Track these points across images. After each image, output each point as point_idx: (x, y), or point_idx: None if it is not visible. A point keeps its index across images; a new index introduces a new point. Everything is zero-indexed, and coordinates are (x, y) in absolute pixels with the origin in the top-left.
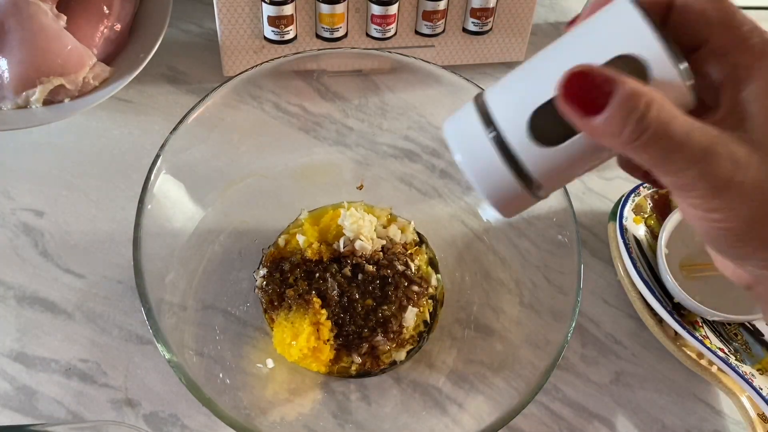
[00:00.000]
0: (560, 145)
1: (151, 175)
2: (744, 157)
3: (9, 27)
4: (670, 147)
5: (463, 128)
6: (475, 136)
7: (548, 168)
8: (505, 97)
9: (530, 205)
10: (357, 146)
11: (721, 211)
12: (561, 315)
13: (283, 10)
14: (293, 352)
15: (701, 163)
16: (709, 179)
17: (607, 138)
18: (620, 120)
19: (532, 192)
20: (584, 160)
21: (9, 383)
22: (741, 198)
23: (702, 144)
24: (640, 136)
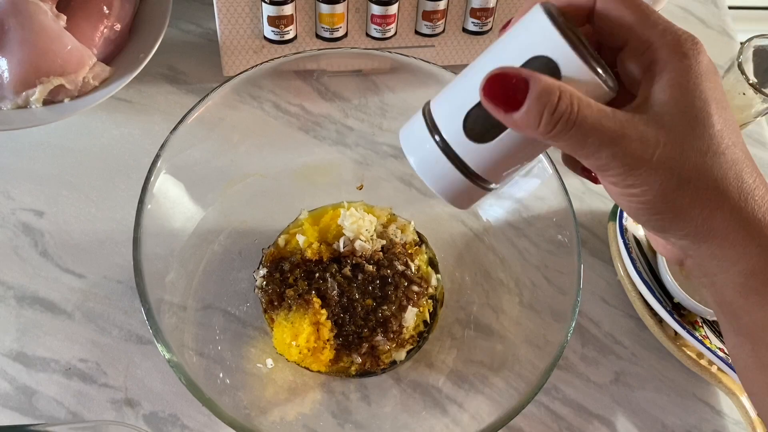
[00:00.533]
0: (493, 141)
1: (151, 175)
2: (653, 137)
3: (9, 27)
4: (583, 133)
5: (413, 135)
6: (423, 141)
7: (488, 162)
8: (444, 104)
9: (482, 195)
10: (357, 146)
11: (636, 187)
12: (561, 315)
13: (283, 10)
14: (293, 352)
15: (613, 145)
16: (621, 159)
17: (528, 130)
18: (536, 113)
19: (480, 185)
20: (518, 152)
21: (9, 383)
22: (652, 173)
23: (613, 128)
24: (555, 126)
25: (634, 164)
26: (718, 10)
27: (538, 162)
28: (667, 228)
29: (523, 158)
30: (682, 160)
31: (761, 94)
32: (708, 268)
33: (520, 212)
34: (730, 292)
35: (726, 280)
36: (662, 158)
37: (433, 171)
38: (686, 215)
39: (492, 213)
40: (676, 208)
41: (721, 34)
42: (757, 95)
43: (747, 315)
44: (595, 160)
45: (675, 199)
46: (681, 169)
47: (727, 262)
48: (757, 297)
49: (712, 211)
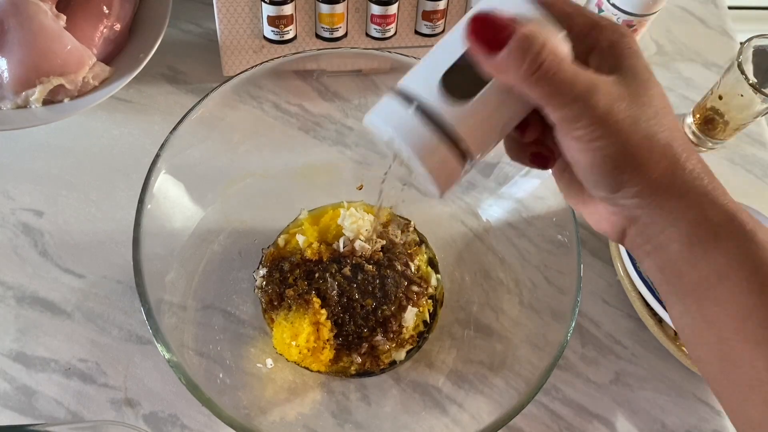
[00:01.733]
0: (472, 98)
1: (150, 175)
2: (618, 94)
3: (9, 27)
4: (560, 82)
5: (385, 112)
6: (397, 110)
7: (469, 122)
8: (419, 73)
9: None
10: (357, 146)
11: (602, 139)
12: (561, 315)
13: (283, 10)
14: (293, 351)
15: (586, 97)
16: (592, 110)
17: (509, 73)
18: (519, 54)
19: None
20: (497, 110)
21: (9, 383)
22: (618, 126)
23: (586, 81)
24: (537, 70)
25: (605, 116)
26: (718, 10)
27: None
28: (624, 182)
29: (502, 119)
30: (640, 117)
31: (761, 94)
32: (654, 227)
33: (519, 212)
34: (675, 247)
35: (672, 235)
36: (626, 113)
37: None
38: (644, 168)
39: (492, 213)
40: (636, 160)
41: (721, 34)
42: (757, 95)
43: (691, 269)
44: (568, 111)
45: (635, 152)
46: (640, 124)
47: (676, 213)
48: (700, 247)
49: (665, 164)
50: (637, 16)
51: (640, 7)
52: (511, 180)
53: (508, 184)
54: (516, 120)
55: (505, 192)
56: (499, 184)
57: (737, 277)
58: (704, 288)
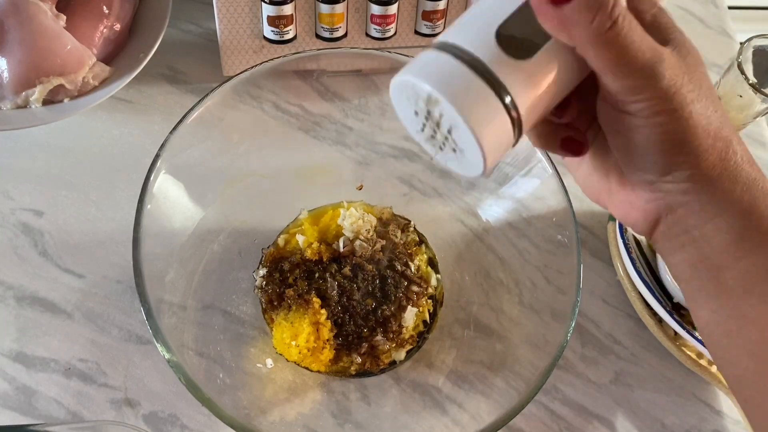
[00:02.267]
0: (531, 58)
1: (150, 175)
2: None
3: (8, 27)
4: (630, 45)
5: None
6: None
7: (524, 84)
8: (467, 26)
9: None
10: (357, 146)
11: (664, 114)
12: (560, 315)
13: (283, 10)
14: (293, 351)
15: (653, 66)
16: (657, 81)
17: (575, 29)
18: (591, 7)
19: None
20: (555, 75)
21: (8, 383)
22: (681, 102)
23: (654, 49)
24: (610, 28)
25: (669, 89)
26: (718, 10)
27: (538, 162)
28: (680, 164)
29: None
30: (697, 95)
31: (761, 94)
32: (701, 216)
33: (519, 212)
34: (722, 238)
35: (720, 225)
36: (688, 90)
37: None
38: (701, 150)
39: (492, 213)
40: (695, 141)
41: (721, 34)
42: (757, 95)
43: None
44: (632, 80)
45: (696, 132)
46: (700, 102)
47: (728, 202)
48: (749, 240)
49: (720, 148)
50: None
51: None
52: (511, 180)
53: (508, 184)
54: (568, 90)
55: (505, 192)
56: (499, 184)
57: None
58: (749, 284)
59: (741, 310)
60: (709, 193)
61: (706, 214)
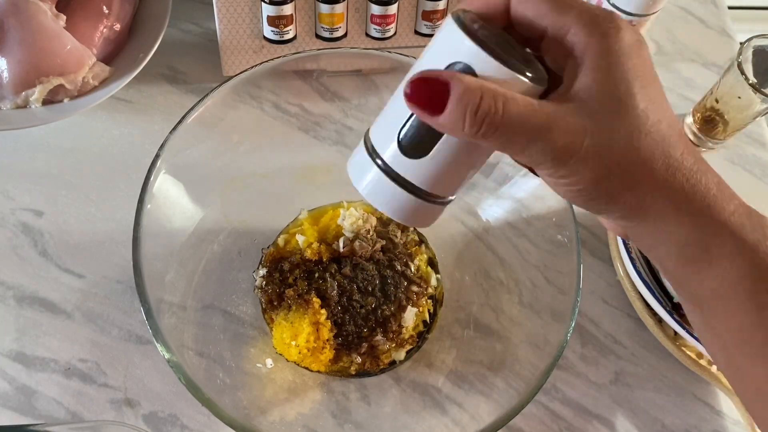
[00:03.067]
0: (429, 153)
1: (150, 175)
2: (579, 127)
3: (8, 27)
4: (510, 131)
5: (358, 164)
6: (366, 168)
7: (431, 177)
8: (379, 128)
9: (440, 211)
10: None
11: (568, 177)
12: (560, 315)
13: (283, 10)
14: (293, 351)
15: (541, 140)
16: (550, 153)
17: (455, 132)
18: (460, 113)
19: (432, 201)
20: (457, 160)
21: (8, 383)
22: (581, 164)
23: (538, 123)
24: (481, 126)
25: (564, 157)
26: (718, 10)
27: None
28: (603, 210)
29: (465, 165)
30: (610, 146)
31: (761, 94)
32: (646, 243)
33: (519, 212)
34: (670, 263)
35: (664, 253)
36: (590, 148)
37: (384, 196)
38: (618, 199)
39: (492, 213)
40: (608, 193)
41: (721, 34)
42: (757, 95)
43: (689, 284)
44: (527, 157)
45: (606, 185)
46: (609, 155)
47: (662, 235)
48: (693, 267)
49: (643, 191)
50: (637, 16)
51: (640, 7)
52: (511, 180)
53: (508, 184)
54: (483, 160)
55: (505, 192)
56: (499, 184)
57: (735, 296)
58: (704, 301)
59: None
60: (643, 229)
61: (648, 243)
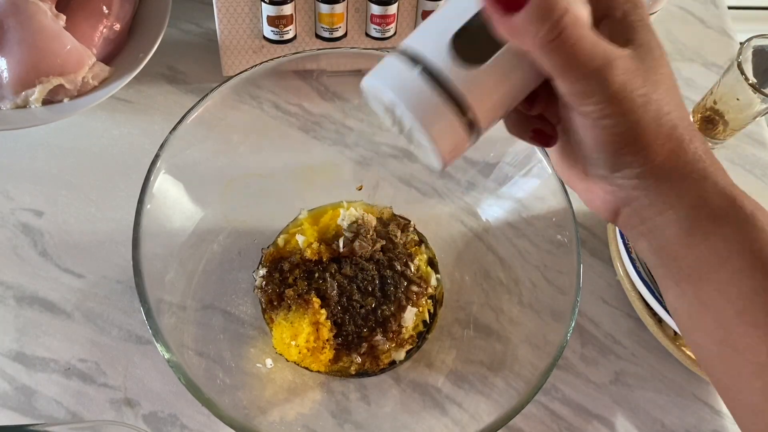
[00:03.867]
0: (486, 62)
1: (150, 175)
2: (634, 70)
3: (8, 27)
4: (579, 53)
5: (387, 73)
6: (401, 75)
7: (478, 89)
8: (426, 32)
9: (464, 143)
10: (357, 146)
11: (612, 117)
12: (560, 315)
13: (283, 10)
14: (292, 351)
15: (602, 72)
16: (607, 86)
17: (526, 37)
18: (539, 18)
19: (467, 122)
20: (508, 79)
21: (8, 383)
22: (630, 105)
23: (605, 55)
24: (556, 37)
25: (618, 94)
26: (718, 10)
27: (538, 162)
28: (628, 163)
29: (510, 90)
30: (652, 97)
31: (760, 94)
32: (651, 209)
33: (519, 212)
34: (672, 230)
35: (670, 218)
36: (639, 92)
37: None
38: (649, 149)
39: (492, 213)
40: (643, 142)
41: (721, 34)
42: (757, 95)
43: (689, 253)
44: (582, 85)
45: (642, 133)
46: (651, 104)
47: (674, 196)
48: (699, 231)
49: (670, 146)
50: None
51: None
52: (510, 180)
53: (508, 184)
54: (527, 90)
55: (505, 192)
56: (498, 184)
57: (738, 261)
58: (703, 272)
59: (698, 296)
60: (657, 190)
61: (656, 208)
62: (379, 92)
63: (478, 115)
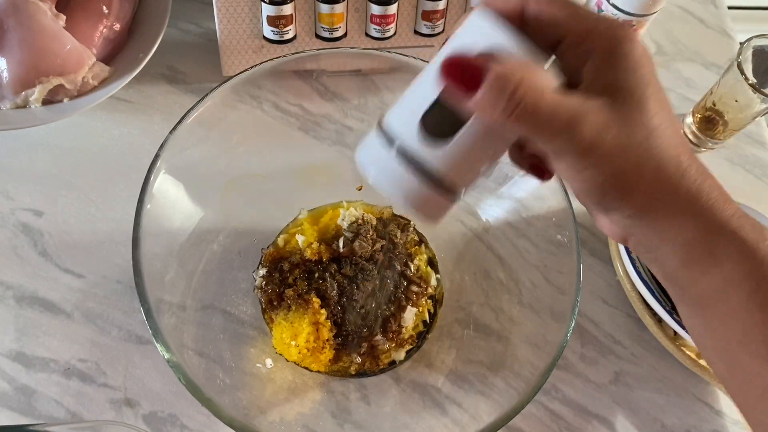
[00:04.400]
0: (453, 138)
1: (150, 175)
2: (604, 122)
3: (8, 27)
4: (540, 119)
5: (370, 151)
6: (380, 153)
7: (451, 161)
8: (399, 111)
9: (450, 206)
10: (356, 146)
11: (588, 170)
12: (560, 315)
13: (283, 10)
14: (292, 351)
15: (568, 131)
16: (575, 144)
17: (487, 112)
18: (495, 94)
19: (446, 191)
20: (479, 147)
21: (8, 383)
22: (604, 157)
23: (567, 114)
24: (514, 110)
25: (588, 150)
26: (718, 10)
27: None
28: (615, 208)
29: (485, 154)
30: (630, 144)
31: (760, 94)
32: (651, 244)
33: (519, 212)
34: (673, 264)
35: (668, 253)
36: (613, 142)
37: (397, 182)
38: (633, 195)
39: (492, 213)
40: (624, 188)
41: (721, 34)
42: (757, 95)
43: (691, 286)
44: (552, 145)
45: (623, 180)
46: (629, 151)
47: (669, 235)
48: (698, 267)
49: (655, 189)
50: (636, 16)
51: (639, 7)
52: (511, 180)
53: (508, 184)
54: (502, 151)
55: (505, 192)
56: (499, 184)
57: (737, 295)
58: (706, 302)
59: (705, 321)
60: (652, 228)
61: (653, 245)
62: (365, 171)
63: (455, 183)
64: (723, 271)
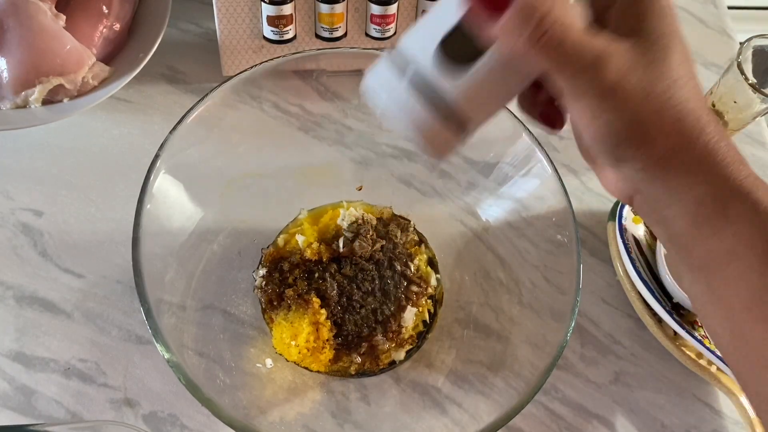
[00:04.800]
0: (473, 66)
1: (150, 175)
2: (630, 64)
3: (8, 26)
4: (566, 51)
5: (381, 77)
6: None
7: (467, 93)
8: (417, 35)
9: (457, 143)
10: (356, 146)
11: (608, 113)
12: (560, 315)
13: (283, 10)
14: (292, 351)
15: (592, 70)
16: (598, 84)
17: (511, 37)
18: (522, 20)
19: (456, 126)
20: (497, 79)
21: (8, 383)
22: (625, 101)
23: (593, 52)
24: (540, 38)
25: (610, 91)
26: (718, 10)
27: (538, 162)
28: (628, 158)
29: (500, 90)
30: (653, 89)
31: (760, 94)
32: (659, 202)
33: (519, 212)
34: (681, 223)
35: (677, 211)
36: (637, 87)
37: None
38: (650, 145)
39: (491, 213)
40: (642, 137)
41: (721, 34)
42: (756, 95)
43: (698, 246)
44: (574, 82)
45: (642, 128)
46: (651, 98)
47: (680, 191)
48: (707, 226)
49: (674, 141)
50: None
51: None
52: (510, 180)
53: (508, 184)
54: (519, 89)
55: (505, 192)
56: (498, 184)
57: (748, 256)
58: (713, 265)
59: (710, 286)
60: (664, 184)
61: (664, 201)
62: (373, 99)
63: (468, 118)
64: (735, 231)
